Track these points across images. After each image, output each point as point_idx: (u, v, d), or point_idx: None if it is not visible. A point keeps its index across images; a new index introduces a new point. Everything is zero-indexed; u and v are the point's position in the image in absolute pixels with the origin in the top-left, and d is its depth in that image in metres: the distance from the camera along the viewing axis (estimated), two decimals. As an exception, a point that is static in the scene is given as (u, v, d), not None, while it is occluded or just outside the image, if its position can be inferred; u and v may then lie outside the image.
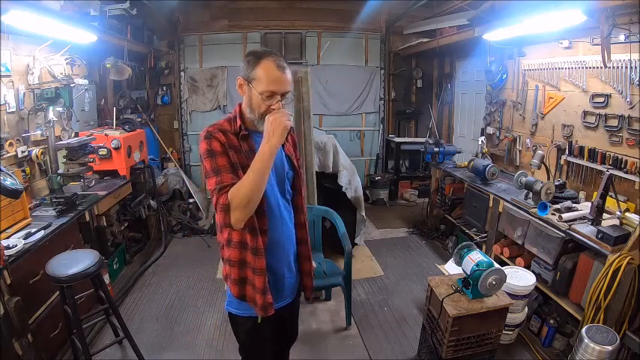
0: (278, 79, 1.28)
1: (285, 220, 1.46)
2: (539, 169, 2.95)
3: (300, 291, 1.64)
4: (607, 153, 2.67)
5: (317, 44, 5.44)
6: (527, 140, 3.58)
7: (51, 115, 2.81)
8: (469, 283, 2.06)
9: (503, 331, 2.24)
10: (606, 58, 2.50)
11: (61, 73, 3.00)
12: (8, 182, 2.03)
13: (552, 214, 2.49)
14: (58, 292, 2.18)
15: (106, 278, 2.73)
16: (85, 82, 3.24)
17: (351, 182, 3.58)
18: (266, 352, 1.55)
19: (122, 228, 3.49)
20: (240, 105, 1.41)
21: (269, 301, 1.39)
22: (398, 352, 2.50)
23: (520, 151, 3.71)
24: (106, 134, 3.40)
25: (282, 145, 1.44)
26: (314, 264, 1.65)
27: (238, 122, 1.36)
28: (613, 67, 2.56)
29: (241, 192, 1.22)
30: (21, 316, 1.89)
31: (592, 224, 2.26)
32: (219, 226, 1.42)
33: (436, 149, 4.13)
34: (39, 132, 2.90)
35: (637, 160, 2.44)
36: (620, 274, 1.91)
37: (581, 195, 2.84)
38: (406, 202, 5.57)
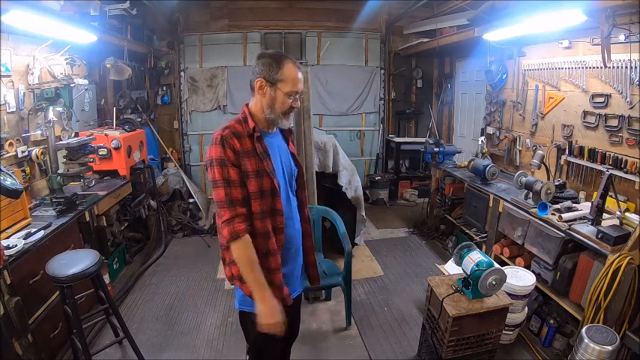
0: (300, 79, 1.40)
1: (295, 216, 1.53)
2: (539, 169, 2.95)
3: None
4: (607, 153, 2.67)
5: (317, 44, 5.44)
6: (527, 140, 3.58)
7: (51, 115, 2.81)
8: (469, 283, 2.06)
9: (503, 331, 2.24)
10: (606, 58, 2.50)
11: (61, 73, 2.99)
12: (8, 182, 2.03)
13: (552, 214, 2.48)
14: (58, 292, 2.18)
15: (106, 278, 2.73)
16: (85, 82, 3.24)
17: (351, 182, 3.58)
18: (277, 349, 1.59)
19: (122, 228, 3.49)
20: (247, 106, 1.44)
21: (286, 293, 1.45)
22: (398, 352, 2.50)
23: (520, 151, 3.71)
24: (106, 134, 3.39)
25: (287, 144, 1.54)
26: None
27: (251, 123, 1.37)
28: (613, 67, 2.56)
29: (238, 260, 1.35)
30: (21, 316, 1.89)
31: (592, 224, 2.26)
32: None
33: (436, 149, 4.13)
34: (39, 132, 2.90)
35: (637, 160, 2.44)
36: (620, 274, 1.91)
37: (581, 195, 2.84)
38: (406, 202, 5.57)
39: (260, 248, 1.37)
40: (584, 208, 2.49)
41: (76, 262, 2.00)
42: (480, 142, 4.06)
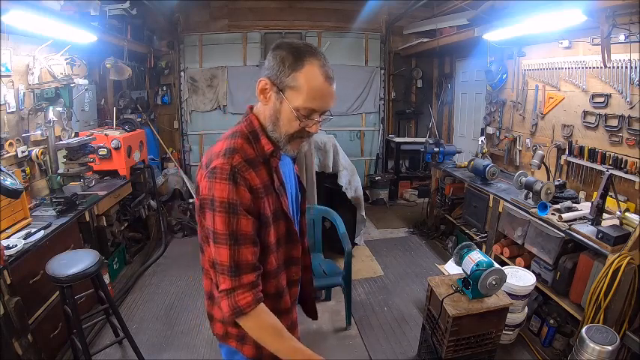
0: (325, 93, 0.93)
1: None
2: (539, 169, 2.95)
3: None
4: (607, 153, 2.67)
5: (317, 44, 5.44)
6: (527, 140, 3.58)
7: (51, 115, 2.81)
8: (469, 283, 2.05)
9: (503, 331, 2.24)
10: (606, 58, 2.50)
11: (61, 73, 2.99)
12: (8, 182, 2.03)
13: (552, 214, 2.48)
14: (58, 292, 2.18)
15: (106, 278, 2.73)
16: (85, 82, 3.24)
17: (351, 182, 3.58)
18: None
19: (122, 228, 3.49)
20: (255, 115, 1.00)
21: None
22: (398, 352, 2.50)
23: (520, 151, 3.71)
24: (106, 134, 3.39)
25: (293, 161, 1.21)
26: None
27: (268, 146, 0.96)
28: (613, 67, 2.56)
29: (256, 337, 0.98)
30: (21, 316, 1.89)
31: (592, 224, 2.26)
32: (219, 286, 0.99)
33: (436, 149, 4.13)
34: (39, 132, 2.90)
35: (637, 160, 2.44)
36: (620, 274, 1.91)
37: (581, 195, 2.84)
38: (406, 202, 5.57)
39: (278, 305, 1.09)
40: (584, 208, 2.49)
41: (76, 262, 2.00)
42: (480, 142, 4.06)
